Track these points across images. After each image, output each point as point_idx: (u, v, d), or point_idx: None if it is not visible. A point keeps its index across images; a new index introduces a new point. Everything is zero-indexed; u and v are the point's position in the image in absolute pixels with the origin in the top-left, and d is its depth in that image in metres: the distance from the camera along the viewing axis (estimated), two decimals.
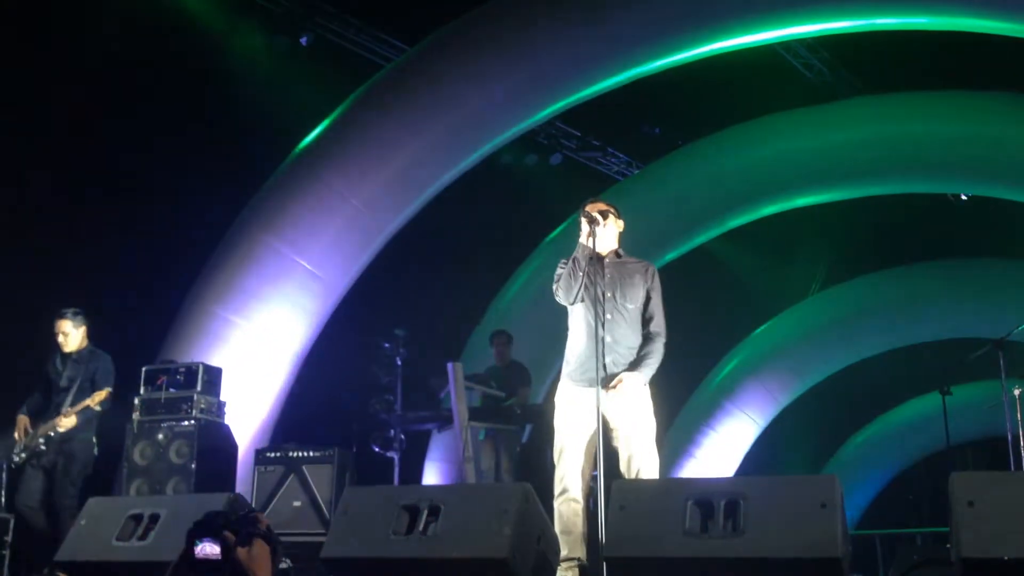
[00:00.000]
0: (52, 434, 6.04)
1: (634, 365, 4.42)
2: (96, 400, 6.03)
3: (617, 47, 8.18)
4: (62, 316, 6.30)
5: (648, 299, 4.56)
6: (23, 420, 6.17)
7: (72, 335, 6.28)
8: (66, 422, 6.00)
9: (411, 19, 9.38)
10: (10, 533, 6.79)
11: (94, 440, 6.20)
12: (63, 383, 6.20)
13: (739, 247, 12.96)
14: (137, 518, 4.02)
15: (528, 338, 10.37)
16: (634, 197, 10.25)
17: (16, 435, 6.15)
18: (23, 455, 6.08)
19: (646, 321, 4.53)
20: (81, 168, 8.36)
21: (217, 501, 3.94)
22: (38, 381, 6.38)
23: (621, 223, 4.69)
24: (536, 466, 7.50)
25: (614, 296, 4.48)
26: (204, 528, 2.86)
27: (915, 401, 14.23)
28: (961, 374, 10.49)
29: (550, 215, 10.95)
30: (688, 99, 10.58)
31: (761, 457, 13.57)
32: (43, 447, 6.03)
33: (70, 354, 6.29)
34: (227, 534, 2.84)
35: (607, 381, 4.30)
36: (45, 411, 6.24)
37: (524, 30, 8.17)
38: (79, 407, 6.03)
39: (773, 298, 13.44)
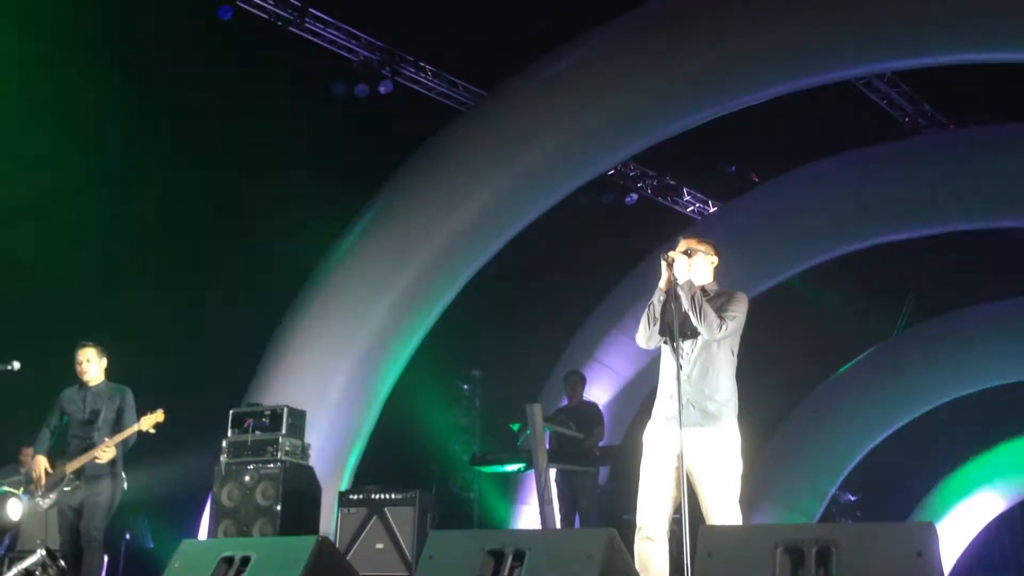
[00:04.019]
0: (81, 468, 5.77)
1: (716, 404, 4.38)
2: (149, 424, 5.76)
3: (695, 88, 8.17)
4: (86, 345, 6.01)
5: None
6: (42, 461, 5.84)
7: (96, 364, 5.99)
8: (107, 454, 5.72)
9: (486, 65, 9.54)
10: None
11: (123, 475, 5.92)
12: (86, 416, 5.89)
13: (821, 283, 12.72)
14: (229, 560, 4.10)
15: (604, 379, 10.35)
16: (710, 236, 10.15)
17: (35, 475, 5.82)
18: (51, 497, 5.81)
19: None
20: (170, 215, 8.67)
21: (306, 543, 4.00)
22: (47, 419, 6.02)
23: (714, 258, 4.65)
24: (616, 509, 7.43)
25: (694, 333, 4.45)
26: None
27: (1011, 442, 13.71)
28: None
29: (626, 255, 10.93)
30: (764, 136, 10.49)
31: (848, 499, 13.20)
32: (68, 487, 5.76)
33: (89, 387, 5.98)
34: None
35: (684, 419, 4.25)
36: (63, 448, 5.91)
37: (599, 73, 8.23)
38: (122, 436, 5.76)
39: (859, 335, 13.13)
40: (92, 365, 6.01)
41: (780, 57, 8.02)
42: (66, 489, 5.81)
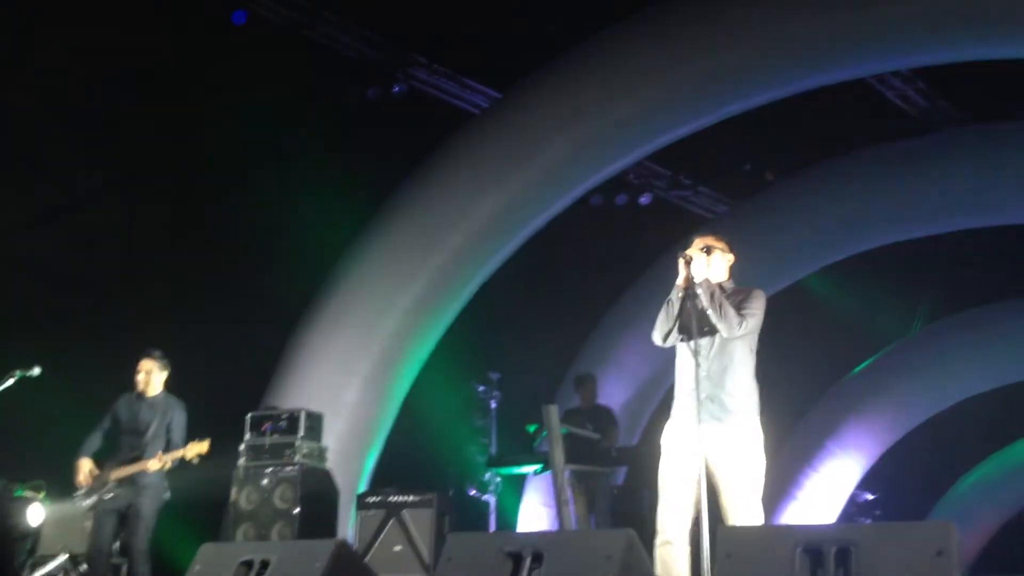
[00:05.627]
0: (125, 477, 5.86)
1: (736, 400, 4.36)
2: (193, 453, 5.83)
3: (708, 88, 8.14)
4: (149, 356, 6.13)
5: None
6: (86, 463, 5.96)
7: (156, 377, 6.10)
8: (156, 465, 5.81)
9: (499, 67, 9.53)
10: None
11: (166, 484, 6.01)
12: (137, 427, 5.98)
13: (839, 281, 12.65)
14: (248, 564, 4.12)
15: (620, 379, 10.33)
16: (724, 235, 10.11)
17: (80, 479, 5.95)
18: (90, 499, 5.92)
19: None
20: (187, 215, 8.72)
21: (326, 547, 4.01)
22: (100, 422, 6.13)
23: (731, 256, 4.65)
24: (633, 510, 7.42)
25: (712, 331, 4.44)
26: None
27: None
28: None
29: (641, 255, 10.91)
30: (779, 135, 10.44)
31: (866, 499, 13.14)
32: (111, 492, 5.85)
33: (145, 398, 6.06)
34: None
35: (704, 417, 4.24)
36: (111, 453, 6.01)
37: (611, 74, 8.21)
38: (174, 456, 5.82)
39: (876, 333, 13.06)
40: (153, 378, 6.09)
41: (799, 54, 7.98)
42: (107, 496, 5.87)
